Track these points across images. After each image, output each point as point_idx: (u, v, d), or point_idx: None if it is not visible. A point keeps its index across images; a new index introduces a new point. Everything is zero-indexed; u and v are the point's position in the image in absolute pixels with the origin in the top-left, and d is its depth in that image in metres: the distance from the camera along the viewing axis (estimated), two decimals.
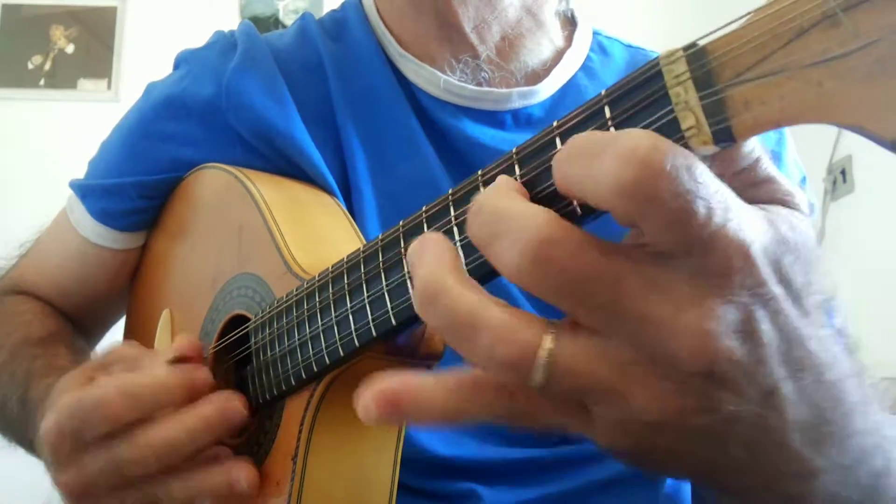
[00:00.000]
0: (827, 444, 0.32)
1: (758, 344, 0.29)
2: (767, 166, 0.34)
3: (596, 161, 0.28)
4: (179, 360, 0.56)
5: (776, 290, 0.30)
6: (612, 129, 0.32)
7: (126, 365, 0.57)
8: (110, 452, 0.52)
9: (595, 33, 0.86)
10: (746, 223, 0.29)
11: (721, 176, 0.29)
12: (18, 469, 0.64)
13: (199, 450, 0.53)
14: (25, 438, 0.71)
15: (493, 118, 0.76)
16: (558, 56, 0.80)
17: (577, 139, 0.30)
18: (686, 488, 0.72)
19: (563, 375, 0.30)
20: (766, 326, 0.29)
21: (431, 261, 0.32)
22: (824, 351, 0.31)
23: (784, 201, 0.34)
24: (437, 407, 0.32)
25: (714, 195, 0.28)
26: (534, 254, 0.29)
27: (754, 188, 0.34)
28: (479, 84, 0.75)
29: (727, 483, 0.33)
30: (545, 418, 0.32)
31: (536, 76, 0.78)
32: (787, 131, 0.79)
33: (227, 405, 0.54)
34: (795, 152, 0.80)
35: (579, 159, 0.29)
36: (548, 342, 0.30)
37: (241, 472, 0.54)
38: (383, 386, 0.33)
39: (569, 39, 0.82)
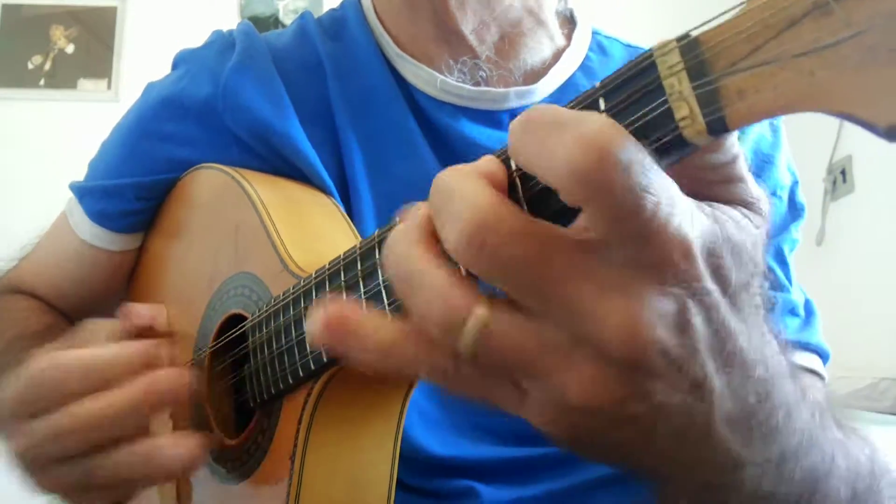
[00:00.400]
0: (753, 438, 0.33)
1: (689, 336, 0.30)
2: (741, 167, 0.35)
3: (554, 137, 0.29)
4: (139, 331, 0.56)
5: (711, 286, 0.30)
6: None
7: (93, 336, 0.57)
8: (56, 421, 0.51)
9: (594, 32, 0.86)
10: (689, 219, 0.30)
11: (697, 169, 0.30)
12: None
13: (142, 423, 0.52)
14: None
15: (490, 118, 0.76)
16: (557, 55, 0.80)
17: (537, 110, 0.30)
18: None
19: (490, 345, 0.31)
20: (698, 320, 0.30)
21: (407, 223, 0.34)
22: (755, 349, 0.32)
23: (748, 203, 0.35)
24: (372, 342, 0.34)
25: (662, 191, 0.28)
26: (469, 237, 0.30)
27: (726, 185, 0.35)
28: (477, 83, 0.75)
29: (653, 469, 0.34)
30: (475, 388, 0.33)
31: (535, 75, 0.78)
32: (784, 132, 0.79)
33: (169, 375, 0.52)
34: (790, 155, 0.79)
35: (537, 131, 0.30)
36: (480, 310, 0.30)
37: (167, 442, 0.52)
38: (335, 308, 0.34)
39: (568, 38, 0.82)
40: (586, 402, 0.30)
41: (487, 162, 0.35)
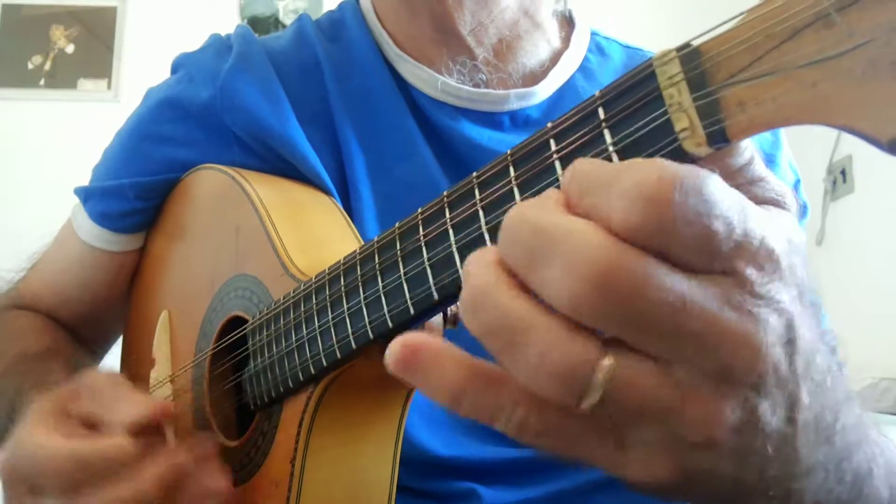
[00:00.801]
0: (822, 440, 0.32)
1: (795, 350, 0.29)
2: (760, 166, 0.34)
3: (603, 198, 0.28)
4: (144, 426, 0.55)
5: (796, 292, 0.30)
6: (605, 131, 0.32)
7: (96, 402, 0.56)
8: None
9: (593, 34, 0.86)
10: (769, 228, 0.29)
11: (723, 175, 0.29)
12: None
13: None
14: None
15: (490, 119, 0.76)
16: (556, 57, 0.80)
17: (581, 168, 0.29)
18: None
19: (622, 394, 0.28)
20: (803, 333, 0.29)
21: (481, 266, 0.30)
22: (823, 352, 0.32)
23: (776, 201, 0.34)
24: (449, 383, 0.30)
25: (729, 208, 0.27)
26: (597, 281, 0.27)
27: (749, 186, 0.34)
28: (477, 85, 0.75)
29: (744, 497, 0.32)
30: (571, 443, 0.31)
31: (534, 77, 0.78)
32: (784, 132, 0.79)
33: (170, 469, 0.52)
34: (790, 154, 0.80)
35: (589, 193, 0.28)
36: (608, 358, 0.28)
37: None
38: (413, 338, 0.31)
39: (566, 40, 0.82)
40: (707, 438, 0.29)
41: (552, 191, 0.31)
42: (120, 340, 0.90)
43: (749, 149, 0.33)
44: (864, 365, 2.07)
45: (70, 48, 2.92)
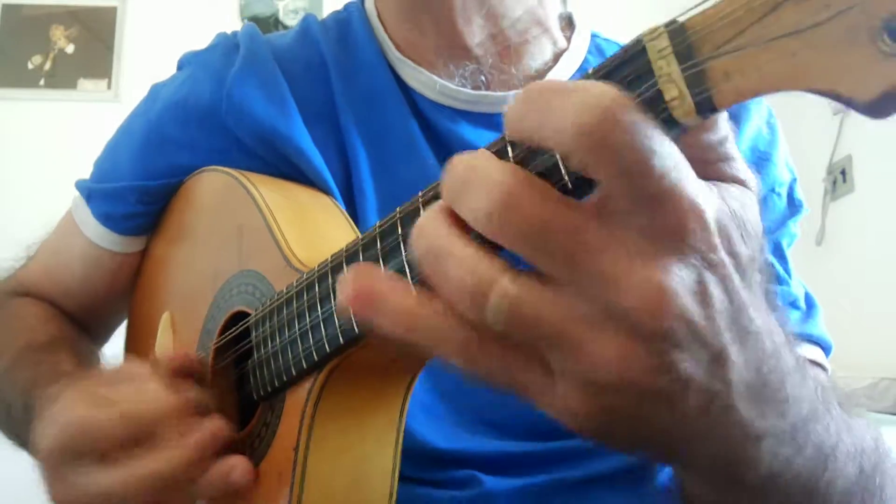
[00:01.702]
0: (767, 409, 0.33)
1: (709, 306, 0.31)
2: (733, 146, 0.36)
3: (558, 103, 0.30)
4: (178, 370, 0.57)
5: (725, 257, 0.31)
6: None
7: (127, 388, 0.57)
8: (103, 479, 0.52)
9: (593, 35, 0.86)
10: (702, 190, 0.30)
11: (694, 150, 0.31)
12: (25, 471, 0.65)
13: (193, 478, 0.53)
14: (29, 443, 0.72)
15: (489, 121, 0.76)
16: (556, 58, 0.80)
17: (537, 82, 0.31)
18: None
19: (518, 316, 0.31)
20: (716, 290, 0.31)
21: (430, 209, 0.34)
22: (764, 320, 0.33)
23: (742, 181, 0.36)
24: (398, 311, 0.34)
25: (669, 156, 0.29)
26: (499, 205, 0.30)
27: (720, 164, 0.36)
28: (477, 87, 0.76)
29: (676, 450, 0.35)
30: (501, 368, 0.33)
31: (535, 79, 0.78)
32: (782, 131, 0.79)
33: (216, 433, 0.54)
34: (788, 153, 0.80)
35: (539, 100, 0.30)
36: (506, 280, 0.31)
37: (236, 465, 0.54)
38: (364, 277, 0.35)
39: (567, 41, 0.83)
40: (618, 377, 0.30)
41: (489, 148, 0.35)
42: (120, 333, 0.90)
43: (724, 127, 0.35)
44: (864, 365, 2.08)
45: (70, 48, 2.92)
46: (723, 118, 0.34)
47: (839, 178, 2.55)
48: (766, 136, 0.78)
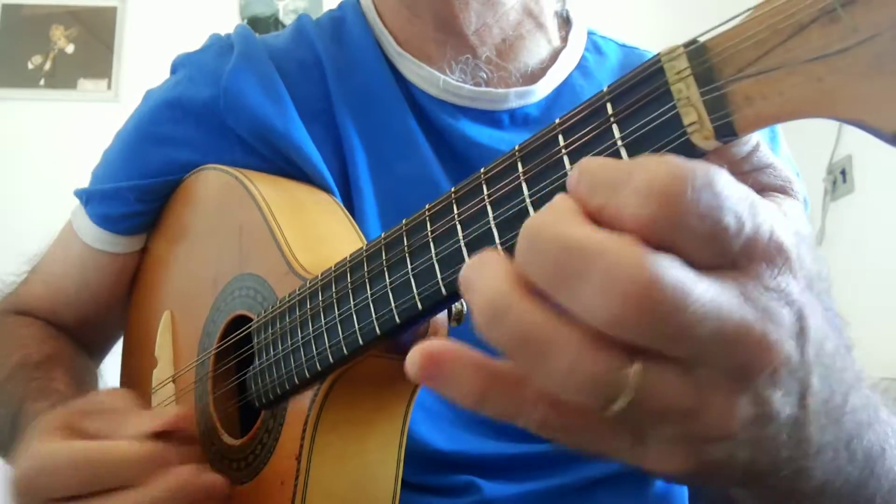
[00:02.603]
0: (831, 422, 0.32)
1: (806, 340, 0.30)
2: (767, 151, 0.35)
3: (614, 197, 0.28)
4: (160, 433, 0.55)
5: (806, 282, 0.30)
6: (614, 126, 0.32)
7: (106, 420, 0.57)
8: None
9: (590, 33, 0.86)
10: (774, 220, 0.29)
11: (726, 164, 0.29)
12: None
13: None
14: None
15: (490, 118, 0.76)
16: (554, 56, 0.80)
17: (589, 168, 0.29)
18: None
19: (647, 399, 0.28)
20: (813, 322, 0.30)
21: (493, 276, 0.30)
22: (832, 337, 0.32)
23: (782, 188, 0.35)
24: (471, 387, 0.31)
25: (739, 202, 0.27)
26: (636, 301, 0.26)
27: (755, 174, 0.35)
28: (477, 84, 0.75)
29: (759, 479, 0.33)
30: (592, 439, 0.31)
31: (533, 76, 0.78)
32: (784, 132, 0.79)
33: (182, 483, 0.53)
34: (788, 151, 0.80)
35: (599, 191, 0.28)
36: (636, 368, 0.27)
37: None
38: (433, 344, 0.31)
39: (564, 39, 0.83)
40: (722, 433, 0.29)
41: (565, 199, 0.31)
42: (120, 343, 0.90)
43: (754, 136, 0.34)
44: (865, 365, 2.07)
45: (70, 48, 2.91)
46: None
47: (839, 178, 2.55)
48: (767, 133, 0.78)
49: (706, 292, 0.27)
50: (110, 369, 0.90)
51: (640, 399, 0.28)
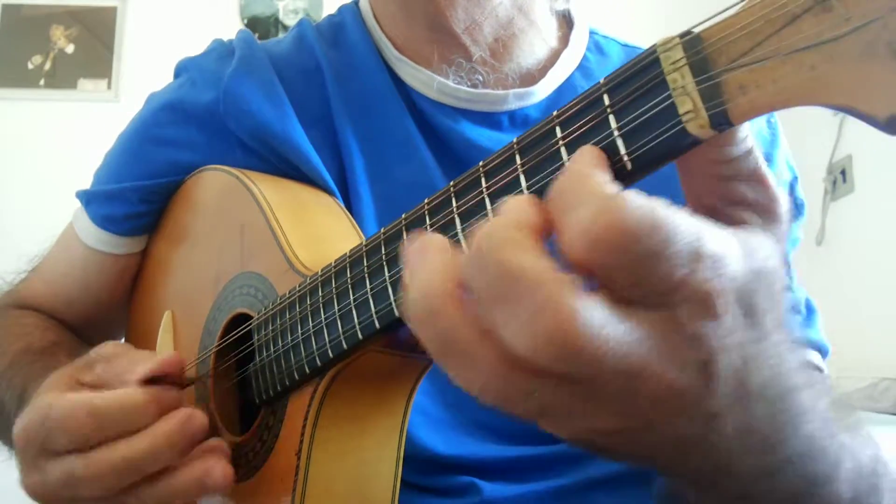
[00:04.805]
0: (752, 451, 0.34)
1: (711, 378, 0.31)
2: (759, 162, 0.35)
3: (564, 218, 0.30)
4: (154, 378, 0.56)
5: (740, 323, 0.31)
6: (611, 116, 0.32)
7: (108, 366, 0.57)
8: (69, 467, 0.52)
9: (592, 33, 0.86)
10: (714, 267, 0.30)
11: (712, 164, 0.31)
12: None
13: (161, 467, 0.53)
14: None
15: (489, 119, 0.76)
16: (554, 56, 0.80)
17: (557, 184, 0.31)
18: None
19: (552, 408, 0.32)
20: (724, 363, 0.31)
21: (433, 269, 0.32)
22: (771, 370, 0.34)
23: (768, 208, 0.35)
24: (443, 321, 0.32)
25: (678, 252, 0.29)
26: (558, 341, 0.28)
27: (741, 184, 0.35)
28: (475, 86, 0.75)
29: (674, 471, 0.37)
30: (526, 394, 0.33)
31: (532, 77, 0.78)
32: (782, 131, 0.79)
33: (187, 422, 0.53)
34: (788, 152, 0.80)
35: (555, 209, 0.31)
36: (537, 391, 0.31)
37: (214, 466, 0.54)
38: (424, 241, 0.34)
39: (565, 39, 0.82)
40: (610, 431, 0.33)
41: (520, 208, 0.33)
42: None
43: (748, 140, 0.34)
44: (864, 365, 2.08)
45: (70, 48, 2.92)
46: (745, 131, 0.34)
47: (839, 178, 2.55)
48: (767, 136, 0.78)
49: (617, 335, 0.29)
50: None
51: (544, 408, 0.32)
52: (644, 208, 0.28)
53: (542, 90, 0.77)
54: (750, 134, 0.34)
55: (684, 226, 0.29)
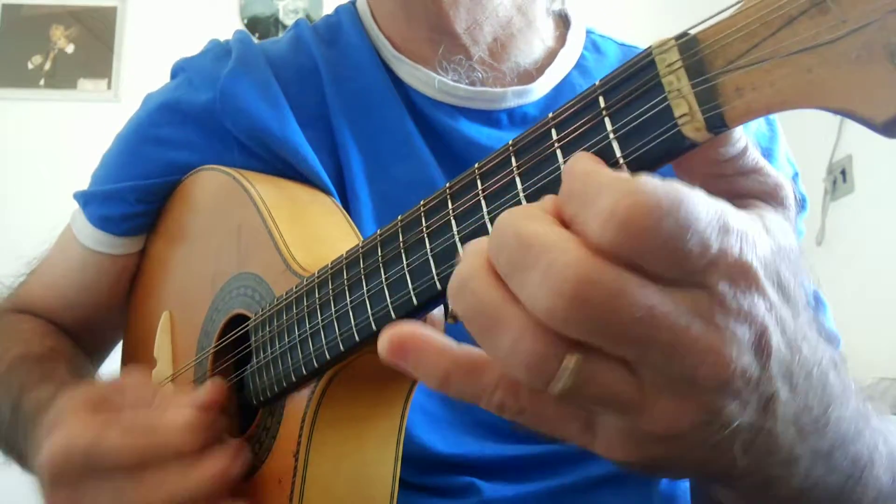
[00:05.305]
0: (808, 433, 0.33)
1: (767, 357, 0.30)
2: (756, 156, 0.35)
3: (582, 213, 0.29)
4: (206, 406, 0.55)
5: (777, 301, 0.31)
6: (606, 119, 0.32)
7: (137, 403, 0.57)
8: (121, 489, 0.52)
9: (589, 32, 0.86)
10: (745, 240, 0.30)
11: (710, 164, 0.30)
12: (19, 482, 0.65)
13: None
14: (14, 448, 0.72)
15: (488, 117, 0.76)
16: (552, 55, 0.80)
17: (570, 173, 0.30)
18: (681, 485, 0.72)
19: (587, 387, 0.30)
20: (776, 339, 0.31)
21: (473, 253, 0.33)
22: (812, 349, 0.33)
23: (771, 194, 0.35)
24: (434, 370, 0.33)
25: (706, 227, 0.28)
26: (570, 296, 0.28)
27: (743, 178, 0.35)
28: (473, 84, 0.75)
29: (719, 478, 0.35)
30: (544, 421, 0.33)
31: (530, 76, 0.78)
32: (784, 131, 0.79)
33: (234, 462, 0.53)
34: (788, 149, 0.80)
35: (573, 201, 0.30)
36: (573, 356, 0.29)
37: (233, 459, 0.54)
38: (401, 329, 0.34)
39: (562, 39, 0.83)
40: (668, 432, 0.31)
41: (543, 201, 0.33)
42: (119, 346, 0.90)
43: (742, 139, 0.34)
44: (864, 365, 2.07)
45: (70, 48, 2.92)
46: (739, 130, 0.33)
47: (839, 178, 2.54)
48: (767, 133, 0.78)
49: (645, 299, 0.28)
50: (109, 371, 0.90)
51: (580, 387, 0.30)
52: (664, 186, 0.28)
53: (540, 88, 0.77)
54: (744, 134, 0.34)
55: (707, 201, 0.29)
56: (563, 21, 0.85)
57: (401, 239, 0.44)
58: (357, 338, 0.48)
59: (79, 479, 0.53)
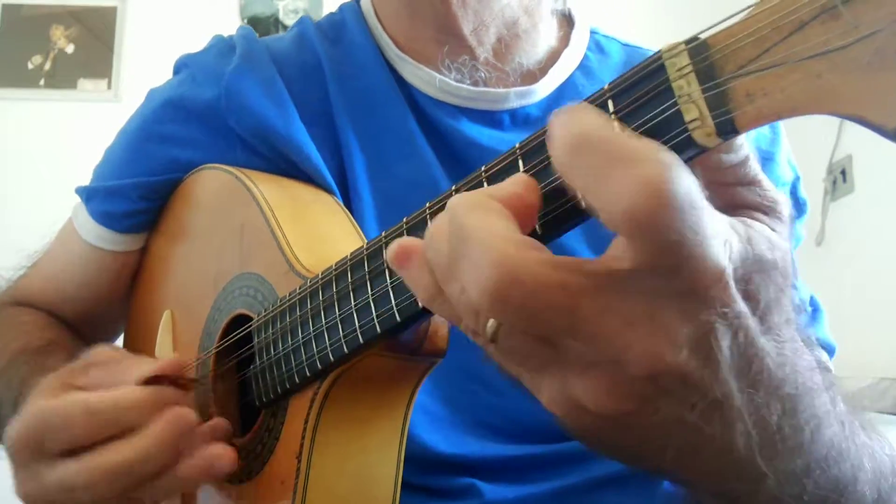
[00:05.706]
0: (777, 452, 0.33)
1: (710, 359, 0.30)
2: (755, 168, 0.35)
3: (613, 173, 0.28)
4: (153, 379, 0.55)
5: (742, 308, 0.30)
6: (615, 123, 0.32)
7: (103, 370, 0.57)
8: (63, 473, 0.52)
9: (592, 32, 0.86)
10: (724, 246, 0.30)
11: (710, 171, 0.31)
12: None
13: (155, 469, 0.52)
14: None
15: (490, 118, 0.76)
16: (555, 55, 0.80)
17: (588, 133, 0.29)
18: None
19: (506, 343, 0.32)
20: (725, 343, 0.30)
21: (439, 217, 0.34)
22: (784, 366, 0.33)
23: (768, 208, 0.35)
24: (424, 284, 0.36)
25: (706, 225, 0.28)
26: (492, 294, 0.29)
27: (742, 188, 0.35)
28: (476, 84, 0.75)
29: (670, 474, 0.36)
30: (506, 360, 0.34)
31: (533, 76, 0.78)
32: (784, 131, 0.79)
33: (178, 421, 0.52)
34: (790, 152, 0.80)
35: (592, 158, 0.29)
36: (491, 322, 0.31)
37: (219, 452, 0.54)
38: (409, 241, 0.37)
39: (566, 39, 0.83)
40: (597, 408, 0.31)
41: (516, 184, 0.34)
42: (120, 343, 0.90)
43: (744, 148, 0.34)
44: (864, 365, 2.07)
45: (70, 48, 2.92)
46: (742, 139, 0.33)
47: (839, 178, 2.54)
48: (768, 136, 0.78)
49: (568, 299, 0.29)
50: None
51: (501, 342, 0.32)
52: (683, 177, 0.28)
53: (543, 89, 0.77)
54: (746, 141, 0.34)
55: (702, 200, 0.29)
56: (566, 21, 0.85)
57: None
58: (361, 340, 0.48)
59: (35, 464, 0.53)
